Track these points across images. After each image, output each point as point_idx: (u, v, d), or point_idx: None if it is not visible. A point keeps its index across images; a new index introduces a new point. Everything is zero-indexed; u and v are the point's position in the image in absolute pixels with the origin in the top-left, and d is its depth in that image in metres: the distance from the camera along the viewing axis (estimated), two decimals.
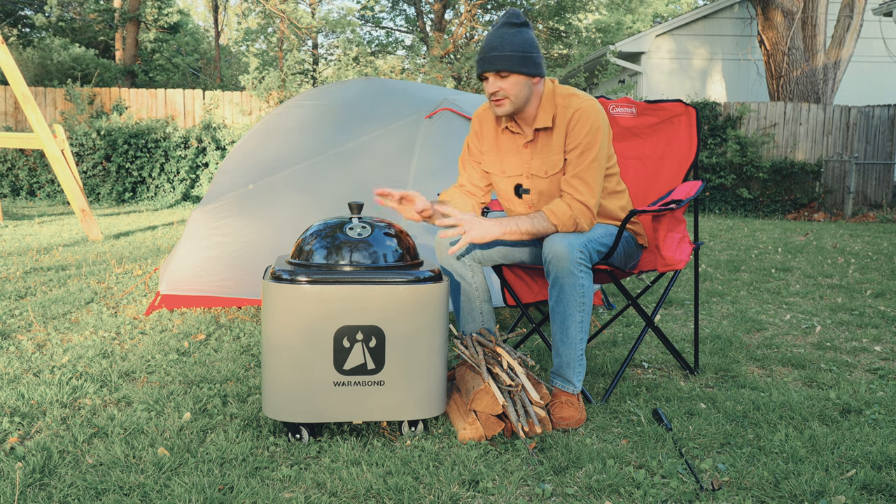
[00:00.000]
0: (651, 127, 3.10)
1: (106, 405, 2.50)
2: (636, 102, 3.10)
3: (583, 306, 2.40)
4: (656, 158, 3.10)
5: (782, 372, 3.05)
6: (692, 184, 2.84)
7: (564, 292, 2.38)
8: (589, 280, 2.40)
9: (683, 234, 2.74)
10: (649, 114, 3.09)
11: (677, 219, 2.71)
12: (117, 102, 11.88)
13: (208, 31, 26.65)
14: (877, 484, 1.96)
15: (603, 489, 1.94)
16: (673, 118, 3.05)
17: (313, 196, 3.81)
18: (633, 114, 3.10)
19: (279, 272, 2.18)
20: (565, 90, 2.52)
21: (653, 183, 3.09)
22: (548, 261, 2.39)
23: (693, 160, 2.99)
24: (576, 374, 2.45)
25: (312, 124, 4.21)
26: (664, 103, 3.05)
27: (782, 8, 12.16)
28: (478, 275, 2.66)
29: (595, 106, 2.48)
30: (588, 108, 2.46)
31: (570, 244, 2.35)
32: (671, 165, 3.06)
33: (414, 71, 15.01)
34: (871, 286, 4.96)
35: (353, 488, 1.92)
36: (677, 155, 3.05)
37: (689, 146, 3.02)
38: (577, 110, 2.45)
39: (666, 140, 3.08)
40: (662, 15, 26.23)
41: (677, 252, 2.67)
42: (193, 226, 3.82)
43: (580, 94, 2.51)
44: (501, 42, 2.39)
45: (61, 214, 9.06)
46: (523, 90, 2.44)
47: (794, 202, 11.32)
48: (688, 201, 2.65)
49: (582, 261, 2.37)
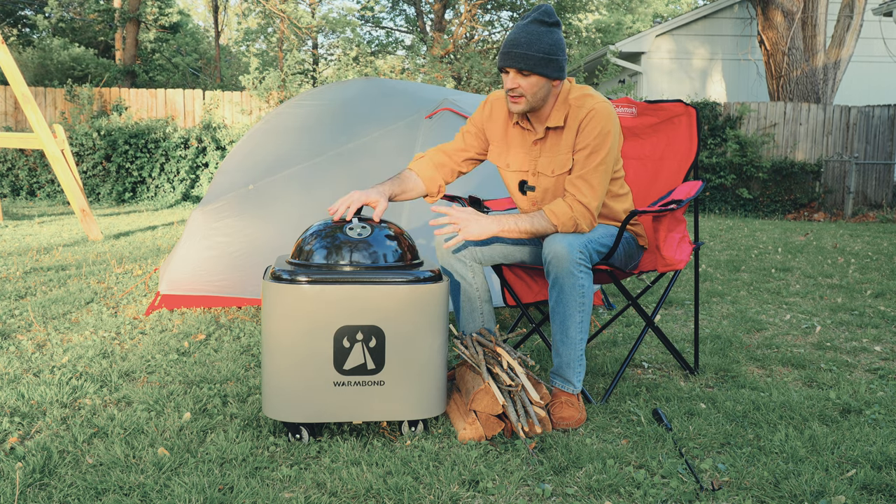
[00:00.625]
0: (651, 127, 3.10)
1: (106, 405, 2.50)
2: (636, 103, 3.10)
3: (583, 306, 2.40)
4: (656, 158, 3.10)
5: (782, 372, 3.05)
6: (692, 184, 2.84)
7: (564, 292, 2.38)
8: (589, 280, 2.40)
9: (684, 234, 2.75)
10: (649, 114, 3.09)
11: (677, 219, 2.71)
12: (117, 102, 11.89)
13: (208, 31, 26.66)
14: (877, 484, 1.96)
15: (603, 489, 1.94)
16: (673, 118, 3.05)
17: (313, 196, 3.81)
18: (633, 114, 3.10)
19: (279, 272, 2.18)
20: (581, 90, 2.50)
21: (653, 183, 3.09)
22: (548, 261, 2.38)
23: (693, 160, 2.99)
24: (576, 375, 2.45)
25: (312, 124, 4.21)
26: (664, 103, 3.05)
27: (782, 8, 12.16)
28: (478, 275, 2.66)
29: (608, 109, 2.47)
30: (601, 111, 2.45)
31: (570, 244, 2.35)
32: (671, 165, 3.06)
33: (414, 71, 15.01)
34: (871, 286, 4.96)
35: (353, 488, 1.92)
36: (677, 155, 3.05)
37: (690, 146, 3.02)
38: (591, 111, 2.44)
39: (666, 140, 3.08)
40: (662, 15, 26.23)
41: (677, 252, 2.67)
42: (193, 226, 3.82)
43: (595, 96, 2.49)
44: (529, 39, 2.36)
45: (61, 214, 9.06)
46: (541, 91, 2.42)
47: (794, 202, 11.32)
48: (688, 201, 2.65)
49: (582, 261, 2.37)
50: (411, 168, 2.63)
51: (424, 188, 2.63)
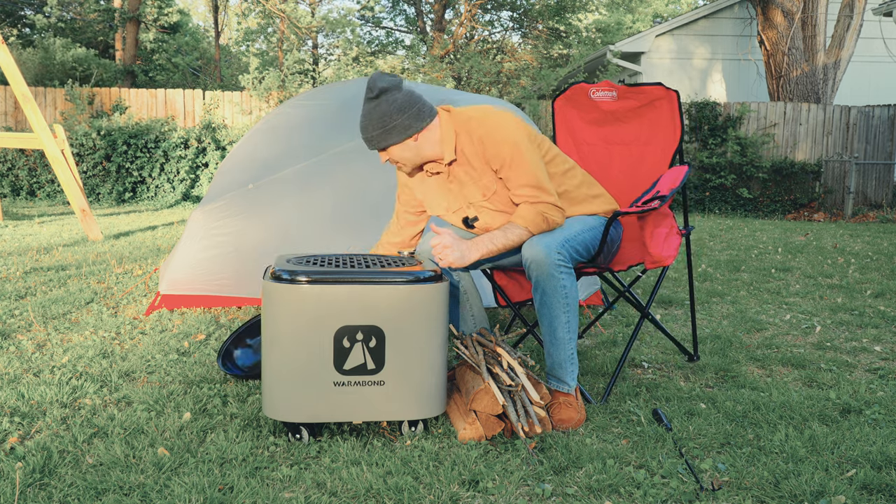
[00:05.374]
0: (633, 111, 3.07)
1: (106, 405, 2.50)
2: (616, 86, 3.07)
3: (567, 307, 2.40)
4: (641, 143, 3.08)
5: (782, 372, 3.05)
6: (678, 169, 2.82)
7: (547, 295, 2.38)
8: (570, 280, 2.39)
9: (671, 228, 2.71)
10: (630, 97, 3.06)
11: (663, 213, 2.68)
12: (117, 102, 11.89)
13: (208, 31, 26.65)
14: (877, 484, 1.96)
15: (603, 489, 1.94)
16: (654, 101, 3.02)
17: (313, 196, 3.81)
18: (613, 97, 3.08)
19: (279, 272, 2.18)
20: (460, 116, 2.47)
21: (638, 168, 3.07)
22: (527, 265, 2.38)
23: (678, 144, 2.97)
24: (568, 374, 2.45)
25: (312, 124, 4.21)
26: (644, 86, 3.02)
27: (782, 8, 12.16)
28: (464, 277, 2.67)
29: (493, 120, 2.44)
30: (489, 129, 2.42)
31: (547, 246, 2.35)
32: (656, 151, 3.04)
33: (414, 71, 15.01)
34: (871, 286, 4.96)
35: (353, 488, 1.92)
36: (662, 140, 3.03)
37: (674, 130, 3.00)
38: (480, 137, 2.42)
39: (650, 125, 3.06)
40: (662, 15, 26.22)
41: (664, 248, 2.66)
42: (193, 226, 3.82)
43: (475, 116, 2.46)
44: (365, 122, 2.41)
45: (61, 214, 9.06)
46: (408, 151, 2.43)
47: (794, 202, 11.33)
48: (671, 195, 2.63)
49: (561, 262, 2.36)
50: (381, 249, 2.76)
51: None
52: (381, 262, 2.34)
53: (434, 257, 2.41)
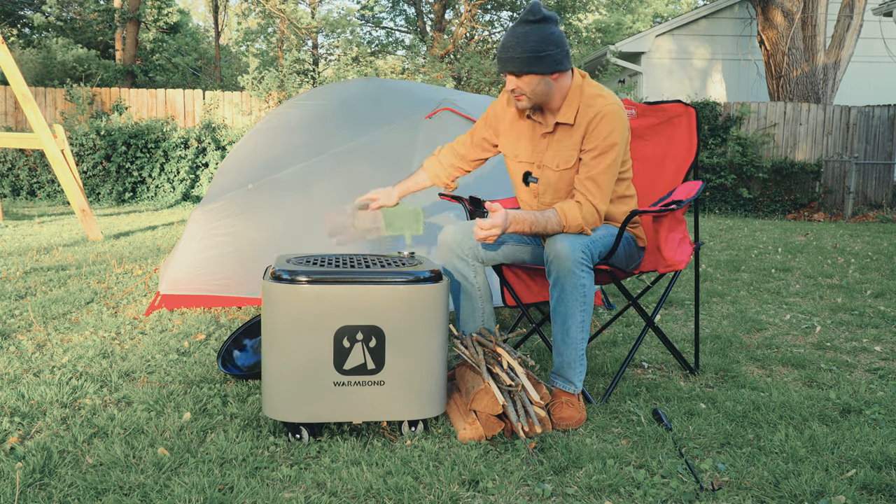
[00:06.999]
0: (652, 128, 3.11)
1: (106, 405, 2.50)
2: (637, 104, 3.11)
3: (584, 306, 2.40)
4: (658, 159, 3.11)
5: (782, 372, 3.05)
6: (692, 184, 2.85)
7: (566, 292, 2.38)
8: (590, 280, 2.40)
9: (684, 235, 2.75)
10: (650, 115, 3.09)
11: (678, 219, 2.71)
12: (117, 102, 11.88)
13: (208, 31, 26.65)
14: (877, 484, 1.96)
15: (603, 489, 1.94)
16: (673, 118, 3.06)
17: (313, 195, 3.81)
18: (633, 115, 3.11)
19: (279, 272, 2.18)
20: (593, 89, 2.51)
21: (654, 183, 3.10)
22: (549, 261, 2.39)
23: (693, 160, 2.99)
24: (577, 374, 2.45)
25: (312, 124, 4.21)
26: (664, 104, 3.06)
27: (782, 8, 12.15)
28: (480, 275, 2.67)
29: (619, 111, 2.48)
30: (611, 113, 2.46)
31: (572, 244, 2.36)
32: (671, 166, 3.07)
33: (414, 71, 15.01)
34: (871, 286, 4.96)
35: (353, 488, 1.92)
36: (677, 155, 3.06)
37: (689, 146, 3.02)
38: (599, 113, 2.45)
39: (666, 141, 3.09)
40: (662, 15, 26.22)
41: (678, 253, 2.68)
42: (194, 226, 3.82)
43: (607, 96, 2.50)
44: (515, 42, 2.39)
45: (61, 214, 9.06)
46: (539, 87, 2.44)
47: (794, 202, 11.32)
48: (688, 202, 2.65)
49: (584, 261, 2.37)
50: (423, 167, 2.90)
51: (431, 183, 2.90)
52: (381, 262, 2.34)
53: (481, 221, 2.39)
